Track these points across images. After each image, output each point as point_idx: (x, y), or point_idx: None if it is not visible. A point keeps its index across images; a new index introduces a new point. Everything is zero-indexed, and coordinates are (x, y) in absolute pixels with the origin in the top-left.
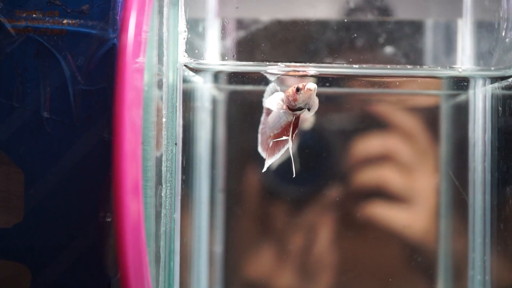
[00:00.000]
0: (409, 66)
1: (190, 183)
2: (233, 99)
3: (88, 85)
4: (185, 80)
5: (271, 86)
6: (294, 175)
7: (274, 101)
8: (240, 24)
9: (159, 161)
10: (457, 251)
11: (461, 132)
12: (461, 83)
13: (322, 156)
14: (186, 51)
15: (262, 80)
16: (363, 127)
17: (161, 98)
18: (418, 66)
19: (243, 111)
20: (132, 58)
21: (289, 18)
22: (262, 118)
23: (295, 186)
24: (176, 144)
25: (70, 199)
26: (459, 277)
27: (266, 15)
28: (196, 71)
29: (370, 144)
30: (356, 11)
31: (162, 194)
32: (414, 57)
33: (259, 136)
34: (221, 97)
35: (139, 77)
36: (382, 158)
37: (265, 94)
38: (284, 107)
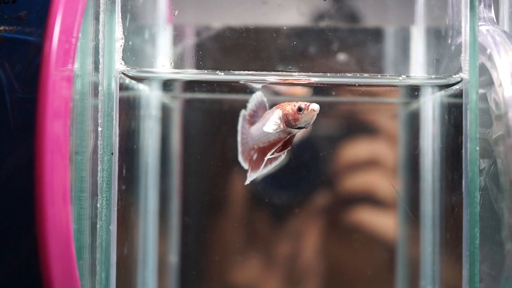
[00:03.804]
0: (349, 74)
1: (135, 193)
2: (190, 107)
3: (26, 93)
4: (128, 88)
5: (257, 94)
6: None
7: (271, 122)
8: (192, 31)
9: (94, 171)
10: (413, 260)
11: (415, 140)
12: (413, 92)
13: (308, 162)
14: (123, 59)
15: (220, 88)
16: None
17: (97, 107)
18: (358, 74)
19: (199, 119)
20: (56, 67)
21: (241, 25)
22: (240, 127)
23: (280, 193)
24: (112, 153)
25: (7, 210)
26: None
27: (218, 22)
28: (137, 79)
29: (357, 149)
30: (311, 18)
31: (98, 205)
32: (368, 65)
33: (239, 146)
34: (175, 105)
35: (67, 85)
36: (370, 164)
37: (250, 102)
38: (282, 126)
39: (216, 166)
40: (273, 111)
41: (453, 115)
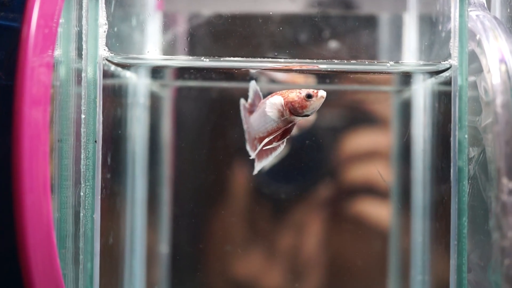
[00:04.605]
0: (336, 61)
1: (121, 182)
2: (180, 95)
3: (9, 80)
4: (113, 75)
5: (252, 83)
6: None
7: (274, 108)
8: (182, 17)
9: (78, 159)
10: (405, 251)
11: (407, 128)
12: (406, 79)
13: (309, 153)
14: (107, 45)
15: (211, 75)
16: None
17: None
18: (346, 61)
19: (190, 107)
20: (34, 52)
21: (229, 12)
22: (243, 116)
23: (279, 184)
24: (96, 141)
25: None
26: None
27: (207, 9)
28: (123, 66)
29: (358, 140)
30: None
31: (81, 194)
32: (360, 52)
33: (246, 134)
34: (165, 93)
35: (47, 71)
36: (371, 155)
37: (249, 91)
38: (286, 113)
39: (208, 155)
40: (268, 99)
41: (443, 103)
